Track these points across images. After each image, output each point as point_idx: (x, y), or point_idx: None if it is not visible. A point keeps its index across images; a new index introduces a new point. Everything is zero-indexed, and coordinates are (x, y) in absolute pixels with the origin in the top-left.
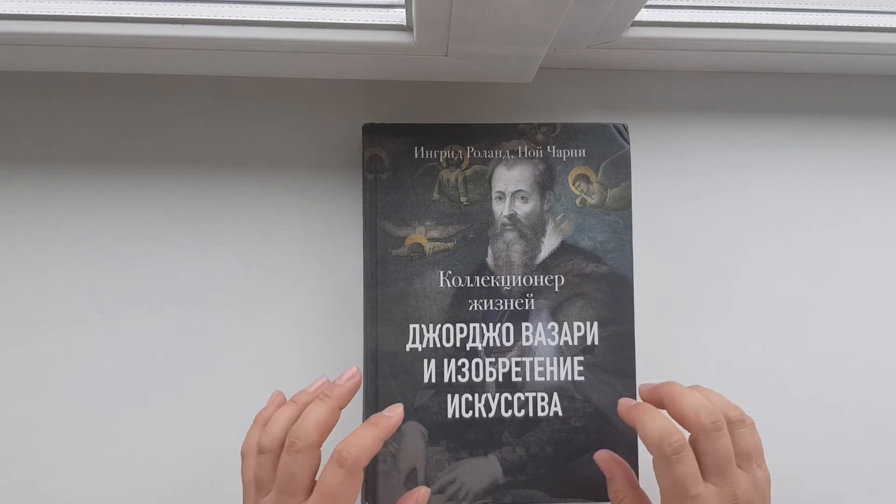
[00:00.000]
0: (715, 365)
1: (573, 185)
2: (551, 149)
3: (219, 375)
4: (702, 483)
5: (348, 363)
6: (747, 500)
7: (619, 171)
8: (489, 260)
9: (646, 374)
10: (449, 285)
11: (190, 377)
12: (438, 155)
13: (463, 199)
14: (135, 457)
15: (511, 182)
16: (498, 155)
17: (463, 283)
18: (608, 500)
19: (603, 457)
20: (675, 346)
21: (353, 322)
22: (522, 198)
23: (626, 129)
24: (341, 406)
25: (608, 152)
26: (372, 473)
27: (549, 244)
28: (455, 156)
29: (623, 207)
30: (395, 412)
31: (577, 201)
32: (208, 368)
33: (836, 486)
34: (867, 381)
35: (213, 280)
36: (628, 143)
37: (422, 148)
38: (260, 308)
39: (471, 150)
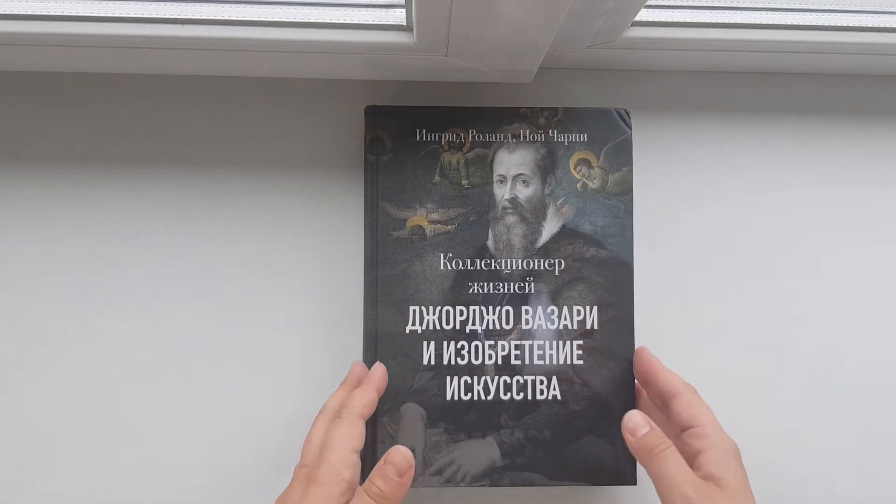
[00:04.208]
0: (713, 350)
1: (574, 169)
2: (553, 133)
3: (221, 366)
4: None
5: (349, 345)
6: None
7: (621, 155)
8: (490, 243)
9: None
10: (449, 268)
11: (191, 375)
12: (440, 138)
13: (464, 181)
14: (135, 457)
15: (512, 166)
16: (500, 138)
17: (463, 265)
18: (606, 484)
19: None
20: (674, 331)
21: (352, 304)
22: (524, 181)
23: (628, 114)
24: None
25: (610, 137)
26: (370, 454)
27: (549, 228)
28: (457, 139)
29: (624, 192)
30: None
31: (579, 185)
32: (210, 361)
33: (832, 483)
34: (864, 377)
35: (213, 275)
36: (630, 129)
37: (424, 130)
38: (261, 302)
39: (473, 133)
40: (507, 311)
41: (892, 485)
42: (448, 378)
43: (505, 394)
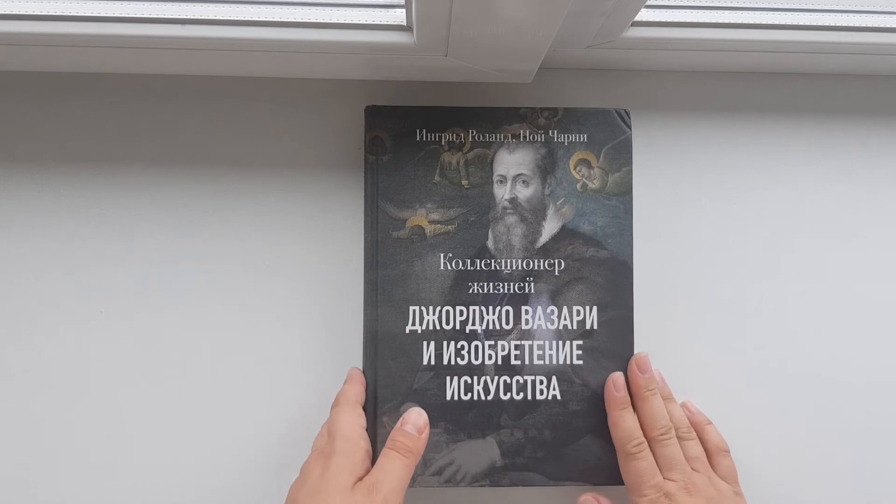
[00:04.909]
0: (713, 351)
1: (574, 169)
2: (553, 133)
3: (222, 366)
4: (660, 476)
5: (349, 345)
6: (704, 493)
7: (621, 156)
8: (490, 243)
9: None
10: (449, 268)
11: (192, 375)
12: (440, 138)
13: (464, 182)
14: (135, 457)
15: (512, 166)
16: (500, 139)
17: (463, 265)
18: (605, 484)
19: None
20: (673, 332)
21: (352, 304)
22: (524, 182)
23: (627, 114)
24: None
25: (610, 137)
26: (371, 455)
27: (549, 228)
28: (457, 139)
29: (624, 192)
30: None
31: (579, 186)
32: (210, 361)
33: (834, 483)
34: (866, 376)
35: (213, 275)
36: (630, 129)
37: (424, 130)
38: (261, 302)
39: (473, 133)
40: (507, 312)
41: (891, 487)
42: (448, 378)
43: (505, 394)
